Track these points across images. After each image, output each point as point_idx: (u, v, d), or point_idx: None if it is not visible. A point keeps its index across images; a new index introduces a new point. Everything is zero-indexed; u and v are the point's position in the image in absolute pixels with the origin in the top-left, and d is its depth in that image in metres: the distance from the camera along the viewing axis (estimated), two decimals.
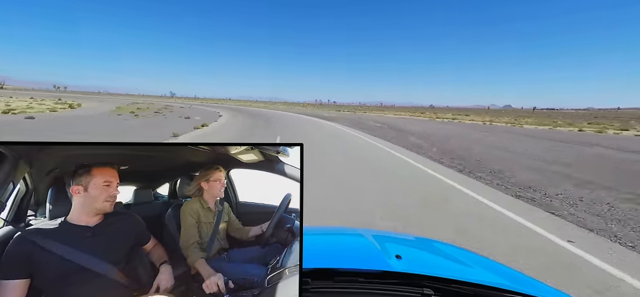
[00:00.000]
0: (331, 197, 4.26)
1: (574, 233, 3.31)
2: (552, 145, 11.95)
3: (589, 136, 16.89)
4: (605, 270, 2.59)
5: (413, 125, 23.27)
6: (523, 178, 5.91)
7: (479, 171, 6.53)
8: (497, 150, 10.10)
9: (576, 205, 4.32)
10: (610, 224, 3.62)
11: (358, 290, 0.85)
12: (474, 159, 8.11)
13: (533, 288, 1.05)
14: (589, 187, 5.38)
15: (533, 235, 3.26)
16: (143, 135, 11.13)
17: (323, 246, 1.32)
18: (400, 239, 1.63)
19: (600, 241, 3.14)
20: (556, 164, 7.67)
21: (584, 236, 3.25)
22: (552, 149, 10.79)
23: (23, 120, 13.53)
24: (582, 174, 6.42)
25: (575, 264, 2.68)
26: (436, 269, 1.21)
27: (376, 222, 3.47)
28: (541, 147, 11.27)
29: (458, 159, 8.01)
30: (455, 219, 3.64)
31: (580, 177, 6.16)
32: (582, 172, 6.71)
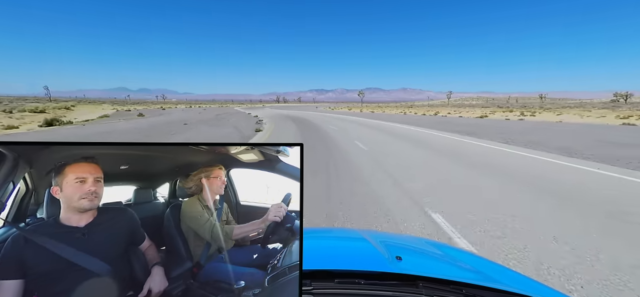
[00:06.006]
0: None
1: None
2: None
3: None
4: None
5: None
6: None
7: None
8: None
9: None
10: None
11: (359, 291, 0.85)
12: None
13: (533, 289, 1.05)
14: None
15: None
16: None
17: (324, 247, 1.32)
18: (400, 241, 1.63)
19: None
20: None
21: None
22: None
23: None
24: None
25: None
26: (436, 270, 1.21)
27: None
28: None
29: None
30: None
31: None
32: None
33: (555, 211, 4.26)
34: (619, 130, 16.71)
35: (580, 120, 26.44)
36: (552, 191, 5.19)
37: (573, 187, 5.41)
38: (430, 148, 10.54)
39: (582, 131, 16.44)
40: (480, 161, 8.00)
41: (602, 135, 14.23)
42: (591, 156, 8.47)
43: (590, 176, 6.23)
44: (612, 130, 16.75)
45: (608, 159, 8.05)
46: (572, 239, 3.37)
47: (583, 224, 3.77)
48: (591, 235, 3.47)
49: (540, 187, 5.38)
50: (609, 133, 15.09)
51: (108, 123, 25.08)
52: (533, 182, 5.75)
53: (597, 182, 5.76)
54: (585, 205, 4.46)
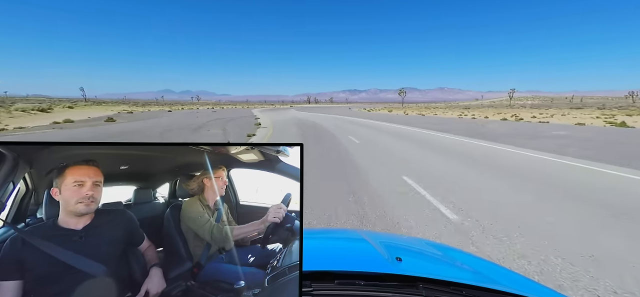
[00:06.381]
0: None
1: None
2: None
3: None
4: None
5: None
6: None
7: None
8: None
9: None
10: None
11: (358, 292, 0.85)
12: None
13: (533, 290, 1.05)
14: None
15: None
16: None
17: (324, 248, 1.32)
18: (400, 241, 1.63)
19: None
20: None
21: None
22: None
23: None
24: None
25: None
26: (437, 271, 1.21)
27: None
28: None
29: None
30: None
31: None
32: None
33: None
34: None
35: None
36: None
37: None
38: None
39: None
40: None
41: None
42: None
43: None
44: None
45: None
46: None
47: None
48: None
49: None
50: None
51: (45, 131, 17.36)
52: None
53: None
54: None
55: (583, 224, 3.88)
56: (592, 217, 4.08)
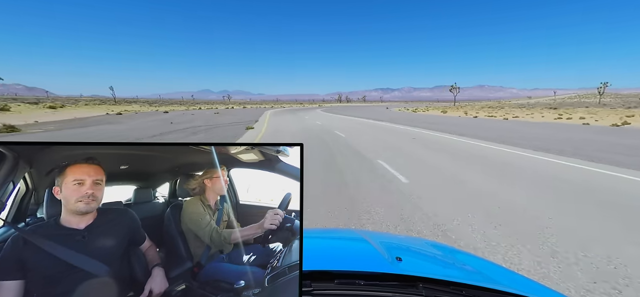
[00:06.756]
0: None
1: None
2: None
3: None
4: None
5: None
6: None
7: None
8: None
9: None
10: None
11: (358, 292, 0.85)
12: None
13: (533, 290, 1.05)
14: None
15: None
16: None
17: (323, 247, 1.32)
18: (400, 241, 1.63)
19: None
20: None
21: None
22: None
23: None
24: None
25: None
26: (437, 271, 1.21)
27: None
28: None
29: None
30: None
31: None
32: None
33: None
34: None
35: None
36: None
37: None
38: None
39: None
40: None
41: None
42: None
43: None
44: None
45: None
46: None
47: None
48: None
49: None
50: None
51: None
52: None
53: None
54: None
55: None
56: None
